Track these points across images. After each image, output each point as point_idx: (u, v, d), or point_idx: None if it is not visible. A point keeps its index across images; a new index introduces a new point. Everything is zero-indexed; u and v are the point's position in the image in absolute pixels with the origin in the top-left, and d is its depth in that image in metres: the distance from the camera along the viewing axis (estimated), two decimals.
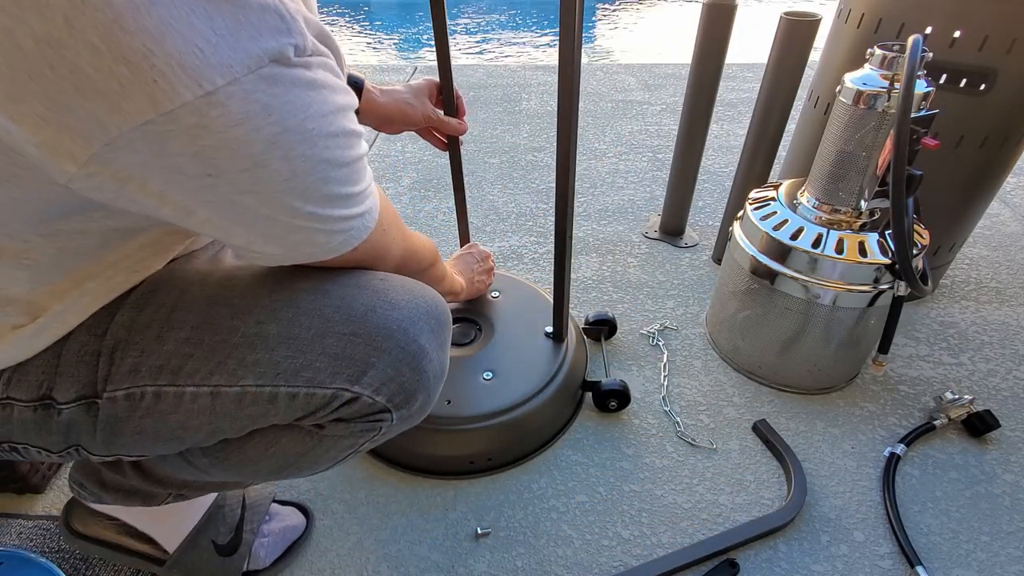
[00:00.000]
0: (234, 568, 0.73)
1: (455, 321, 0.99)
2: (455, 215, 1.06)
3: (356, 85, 0.78)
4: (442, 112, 0.87)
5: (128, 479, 0.63)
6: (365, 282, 0.51)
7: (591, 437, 0.93)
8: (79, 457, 0.49)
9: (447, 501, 0.84)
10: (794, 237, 0.88)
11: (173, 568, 0.71)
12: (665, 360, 1.07)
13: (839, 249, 0.85)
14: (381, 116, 0.79)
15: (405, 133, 0.94)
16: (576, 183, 1.64)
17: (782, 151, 1.59)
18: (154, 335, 0.46)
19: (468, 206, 1.07)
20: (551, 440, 0.93)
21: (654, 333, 1.13)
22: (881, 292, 0.86)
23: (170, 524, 0.71)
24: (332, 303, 0.48)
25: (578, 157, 1.80)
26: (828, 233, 0.86)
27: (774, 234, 0.90)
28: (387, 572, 0.76)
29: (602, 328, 1.09)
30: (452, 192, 1.05)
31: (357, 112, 0.49)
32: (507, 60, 4.73)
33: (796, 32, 1.00)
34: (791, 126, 1.17)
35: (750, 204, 0.97)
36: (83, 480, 0.66)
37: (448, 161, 1.01)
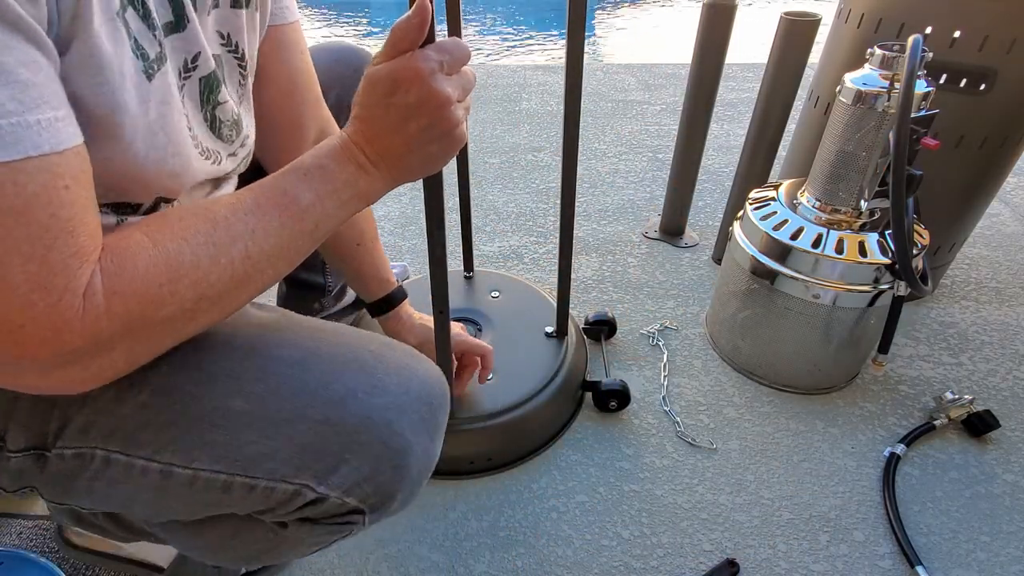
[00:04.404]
0: (230, 574, 0.73)
1: (453, 319, 0.99)
2: (457, 215, 1.06)
3: (393, 298, 0.79)
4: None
5: (98, 520, 0.60)
6: (355, 356, 0.45)
7: (591, 437, 0.93)
8: (36, 495, 0.47)
9: (447, 501, 0.84)
10: (794, 237, 0.88)
11: None
12: (665, 360, 1.07)
13: (839, 249, 0.85)
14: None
15: None
16: (576, 183, 1.65)
17: (782, 151, 1.59)
18: (112, 395, 0.41)
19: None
20: (551, 440, 0.93)
21: (654, 333, 1.13)
22: (881, 292, 0.86)
23: (159, 545, 0.70)
24: (311, 380, 0.42)
25: (579, 159, 1.80)
26: (828, 233, 0.86)
27: (774, 234, 0.90)
28: (387, 572, 0.76)
29: (602, 328, 1.09)
30: (453, 191, 1.05)
31: None
32: (507, 60, 4.73)
33: (796, 32, 1.00)
34: (791, 126, 1.18)
35: (750, 204, 0.97)
36: (56, 513, 0.64)
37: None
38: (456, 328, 0.86)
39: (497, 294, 1.07)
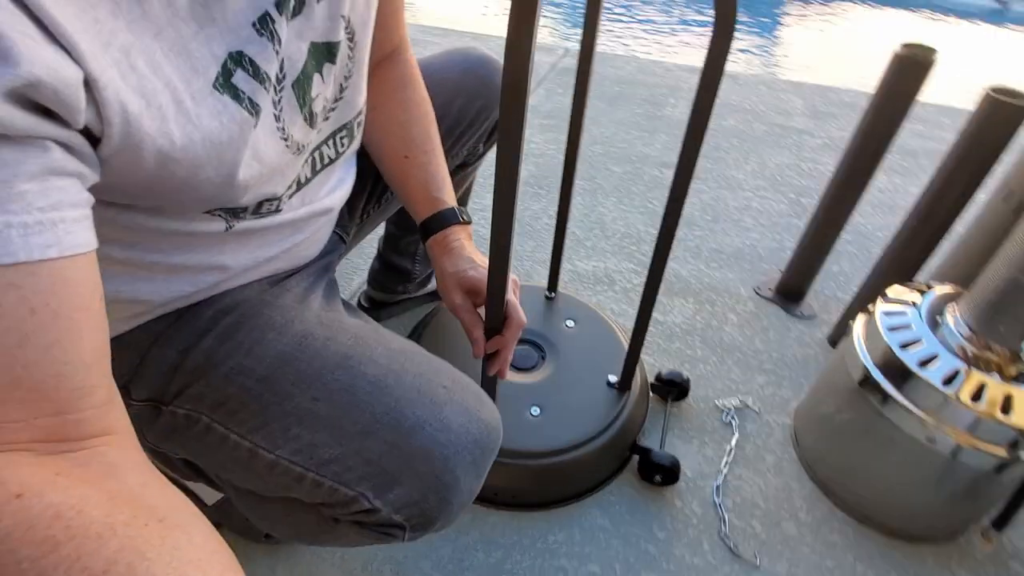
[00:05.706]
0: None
1: (520, 342, 0.94)
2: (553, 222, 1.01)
3: (443, 218, 0.65)
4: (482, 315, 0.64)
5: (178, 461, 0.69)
6: (430, 388, 0.50)
7: (625, 505, 0.87)
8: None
9: (461, 525, 0.84)
10: (923, 364, 0.73)
11: (213, 512, 0.77)
12: (733, 444, 0.96)
13: (976, 395, 0.69)
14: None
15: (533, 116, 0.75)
16: (696, 213, 1.51)
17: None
18: (223, 374, 0.49)
19: (572, 215, 1.00)
20: (582, 495, 0.88)
21: (730, 408, 1.02)
22: (1017, 461, 0.70)
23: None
24: (387, 403, 0.48)
25: (708, 185, 1.66)
26: (969, 371, 0.71)
27: (899, 353, 0.75)
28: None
29: (671, 389, 1.01)
30: (554, 199, 0.99)
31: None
32: (660, 56, 4.36)
33: (999, 114, 0.81)
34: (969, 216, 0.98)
35: (883, 304, 0.83)
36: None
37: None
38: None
39: (572, 324, 1.02)
